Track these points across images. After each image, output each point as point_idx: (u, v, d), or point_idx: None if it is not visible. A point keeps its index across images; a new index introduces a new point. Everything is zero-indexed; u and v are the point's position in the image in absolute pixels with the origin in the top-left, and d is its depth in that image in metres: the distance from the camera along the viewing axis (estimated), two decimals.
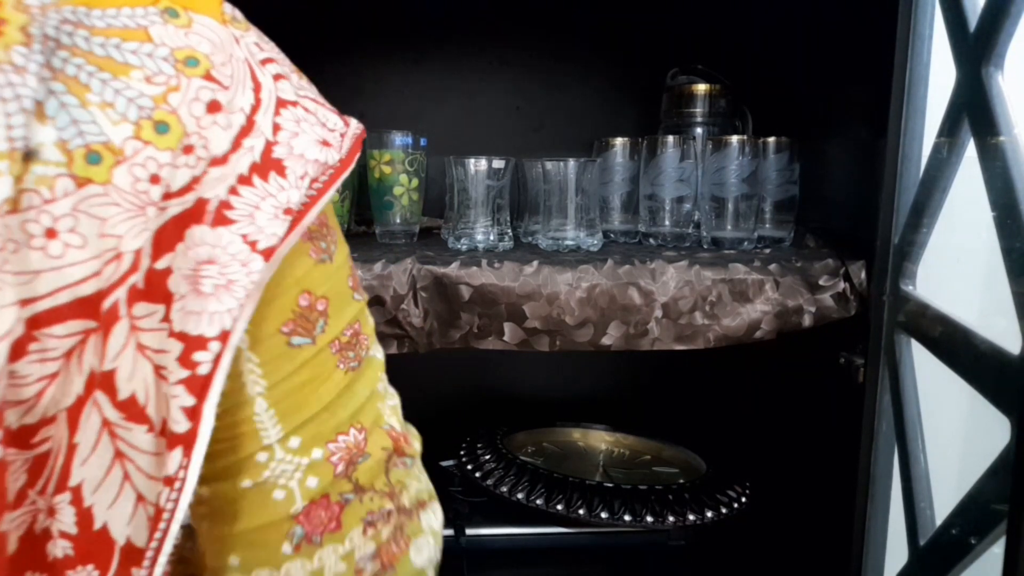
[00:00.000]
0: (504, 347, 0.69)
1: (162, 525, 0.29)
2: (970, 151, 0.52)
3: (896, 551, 0.65)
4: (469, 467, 0.92)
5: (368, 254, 0.71)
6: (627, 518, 0.82)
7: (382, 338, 0.68)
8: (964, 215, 0.58)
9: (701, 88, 0.94)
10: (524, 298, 0.68)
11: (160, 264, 0.29)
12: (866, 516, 0.68)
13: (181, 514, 0.29)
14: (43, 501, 0.29)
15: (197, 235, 0.30)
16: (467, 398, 1.15)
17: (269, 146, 0.33)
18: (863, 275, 0.69)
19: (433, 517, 0.42)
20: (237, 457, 0.33)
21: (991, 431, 0.45)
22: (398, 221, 0.83)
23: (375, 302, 0.68)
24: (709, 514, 0.84)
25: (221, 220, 0.30)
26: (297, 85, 0.36)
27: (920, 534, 0.57)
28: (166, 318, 0.29)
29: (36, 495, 0.29)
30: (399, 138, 0.81)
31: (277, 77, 0.35)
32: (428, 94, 1.09)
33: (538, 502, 0.84)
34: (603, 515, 0.82)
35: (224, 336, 0.30)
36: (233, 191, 0.31)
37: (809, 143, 0.83)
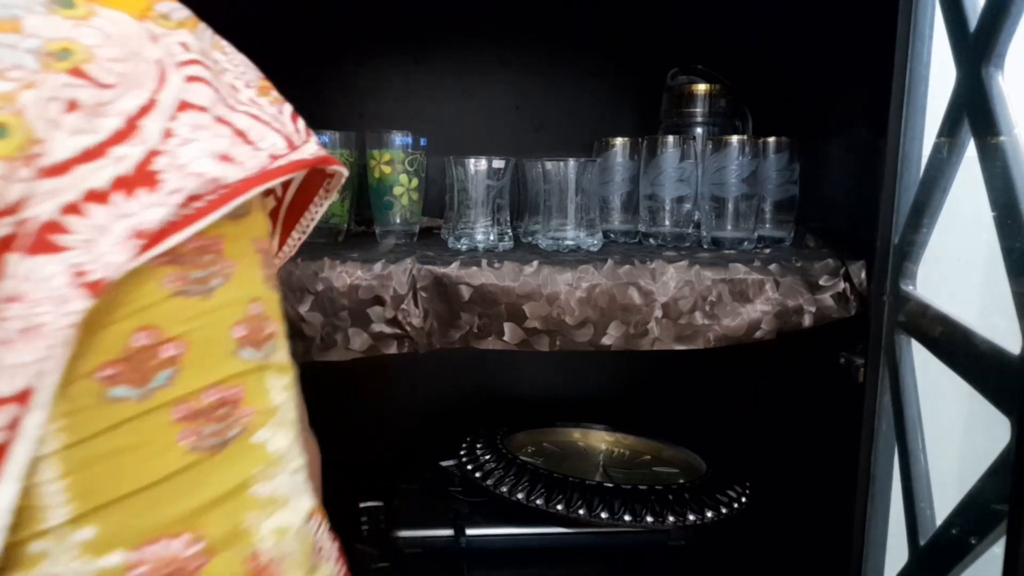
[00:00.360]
0: (504, 347, 0.69)
1: None
2: (970, 151, 0.52)
3: (896, 551, 0.65)
4: (469, 467, 0.92)
5: (368, 254, 0.71)
6: (627, 518, 0.82)
7: (382, 338, 0.69)
8: (964, 215, 0.58)
9: (701, 88, 0.94)
10: (524, 298, 0.68)
11: None
12: (866, 516, 0.68)
13: None
14: None
15: (11, 265, 0.24)
16: (467, 398, 1.15)
17: (151, 156, 0.27)
18: (863, 275, 0.69)
19: None
20: (6, 540, 0.25)
21: (991, 431, 0.45)
22: (398, 221, 0.83)
23: (375, 302, 0.68)
24: (709, 514, 0.84)
25: (43, 246, 0.24)
26: (239, 100, 0.32)
27: (920, 534, 0.57)
28: None
29: None
30: (399, 138, 0.81)
31: (192, 79, 0.30)
32: (428, 94, 1.09)
33: (538, 502, 0.84)
34: (603, 515, 0.82)
35: (23, 395, 0.23)
36: (71, 209, 0.25)
37: (809, 143, 0.83)
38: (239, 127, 0.31)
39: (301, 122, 0.37)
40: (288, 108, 0.37)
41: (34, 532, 0.25)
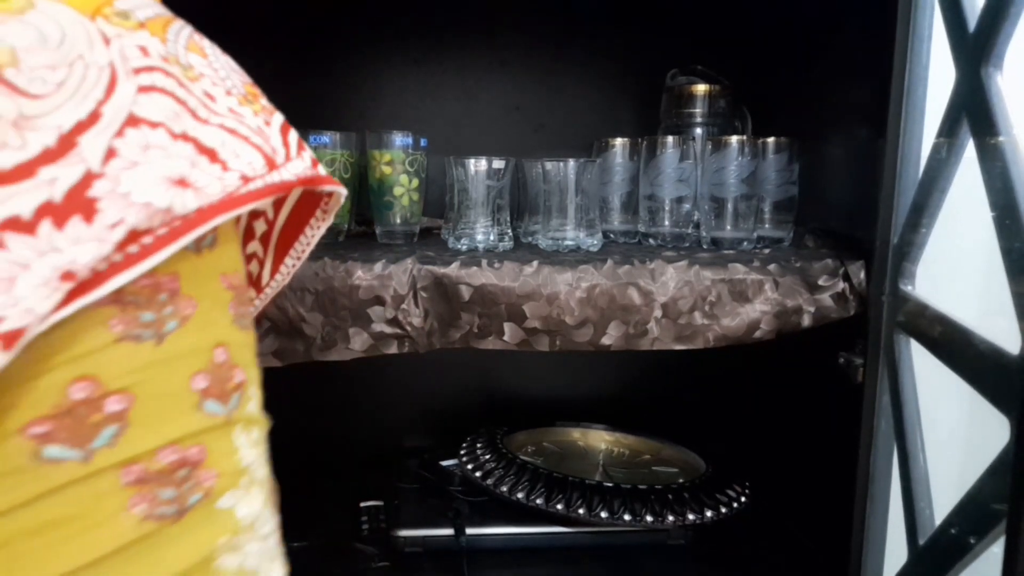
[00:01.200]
0: (504, 347, 0.69)
1: None
2: (969, 151, 0.52)
3: (896, 551, 0.65)
4: (469, 467, 0.92)
5: (368, 254, 0.71)
6: (627, 518, 0.82)
7: (382, 338, 0.69)
8: (964, 215, 0.58)
9: (701, 88, 0.94)
10: (524, 298, 0.68)
11: None
12: (866, 516, 0.68)
13: None
14: None
15: None
16: (467, 398, 1.15)
17: (88, 179, 0.23)
18: (862, 275, 0.69)
19: None
20: None
21: (991, 431, 0.45)
22: (398, 221, 0.83)
23: (375, 302, 0.68)
24: (709, 514, 0.84)
25: None
26: (213, 110, 0.28)
27: (920, 534, 0.57)
28: None
29: None
30: (399, 138, 0.81)
31: (147, 89, 0.26)
32: (428, 94, 1.09)
33: (538, 502, 0.84)
34: (603, 515, 0.82)
35: None
36: None
37: (809, 143, 0.83)
38: (206, 144, 0.27)
39: (293, 135, 0.33)
40: (278, 119, 0.32)
41: None
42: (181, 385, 0.26)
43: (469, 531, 0.85)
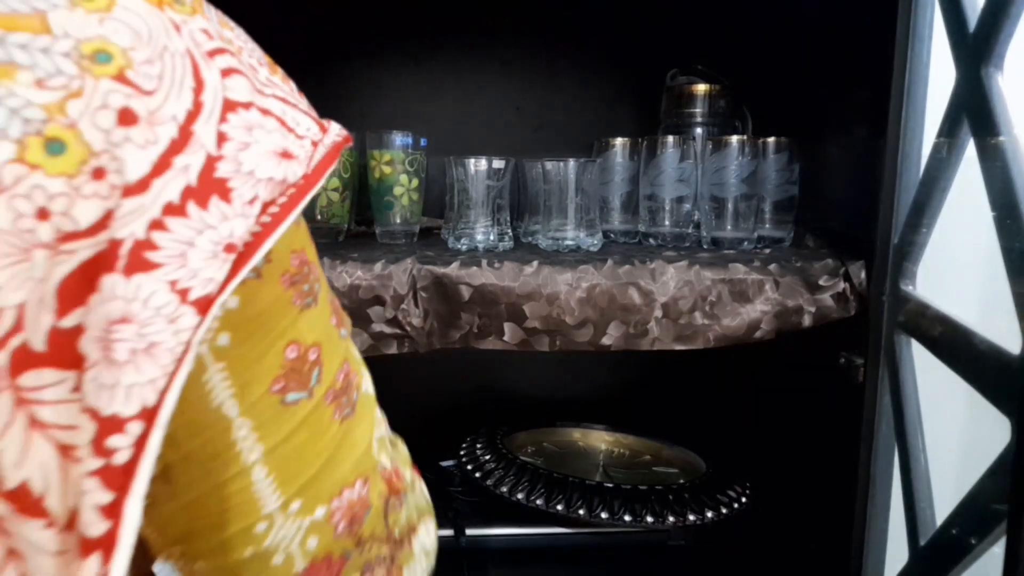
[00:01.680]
0: (504, 347, 0.69)
1: None
2: (970, 151, 0.52)
3: (896, 551, 0.65)
4: (469, 467, 0.92)
5: (368, 254, 0.71)
6: (627, 518, 0.82)
7: (382, 338, 0.69)
8: (964, 215, 0.58)
9: (701, 88, 0.94)
10: (524, 298, 0.68)
11: (67, 322, 0.23)
12: (866, 516, 0.68)
13: None
14: None
15: (109, 286, 0.24)
16: (467, 398, 1.15)
17: (211, 162, 0.26)
18: (863, 275, 0.69)
19: (425, 536, 0.40)
20: (232, 530, 0.30)
21: (991, 431, 0.45)
22: (398, 221, 0.83)
23: (375, 302, 0.68)
24: (709, 514, 0.84)
25: (139, 265, 0.24)
26: (262, 82, 0.30)
27: (920, 534, 0.57)
28: (77, 388, 0.24)
29: None
30: (399, 138, 0.81)
31: (227, 72, 0.28)
32: (428, 94, 1.09)
33: (538, 502, 0.84)
34: (603, 515, 0.82)
35: (147, 414, 0.24)
36: (157, 225, 0.25)
37: (809, 143, 0.83)
38: (277, 114, 0.29)
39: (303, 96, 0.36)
40: (293, 83, 0.35)
41: (256, 518, 0.30)
42: (331, 327, 0.34)
43: (469, 531, 0.85)
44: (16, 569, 0.24)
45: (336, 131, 0.33)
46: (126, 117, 0.25)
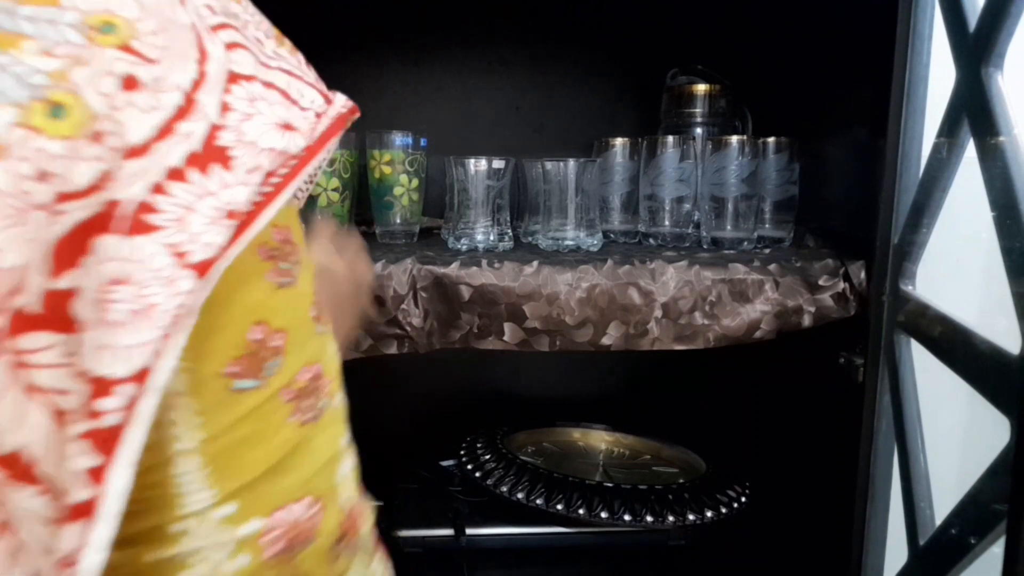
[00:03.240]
0: (504, 347, 0.69)
1: None
2: (970, 151, 0.52)
3: (896, 551, 0.65)
4: (469, 467, 0.92)
5: (368, 254, 0.71)
6: (627, 518, 0.82)
7: (382, 338, 0.69)
8: (964, 215, 0.58)
9: (701, 88, 0.94)
10: (524, 298, 0.68)
11: (61, 283, 0.23)
12: (866, 516, 0.68)
13: None
14: None
15: (107, 247, 0.24)
16: (467, 398, 1.15)
17: (214, 131, 0.27)
18: (863, 275, 0.69)
19: None
20: (143, 525, 0.27)
21: (991, 431, 0.45)
22: (398, 221, 0.83)
23: (375, 302, 0.68)
24: (709, 514, 0.84)
25: (140, 227, 0.24)
26: (268, 55, 0.30)
27: (920, 534, 0.57)
28: (73, 351, 0.23)
29: None
30: (399, 138, 0.81)
31: (232, 46, 0.29)
32: (428, 94, 1.09)
33: (538, 502, 0.84)
34: (603, 515, 0.82)
35: (141, 375, 0.23)
36: (158, 189, 0.25)
37: (809, 143, 0.83)
38: (281, 87, 0.30)
39: (312, 69, 0.36)
40: (301, 56, 0.35)
41: (175, 516, 0.27)
42: (306, 316, 0.32)
43: (469, 531, 0.85)
44: (12, 537, 0.23)
45: (341, 103, 0.33)
46: (130, 83, 0.25)
